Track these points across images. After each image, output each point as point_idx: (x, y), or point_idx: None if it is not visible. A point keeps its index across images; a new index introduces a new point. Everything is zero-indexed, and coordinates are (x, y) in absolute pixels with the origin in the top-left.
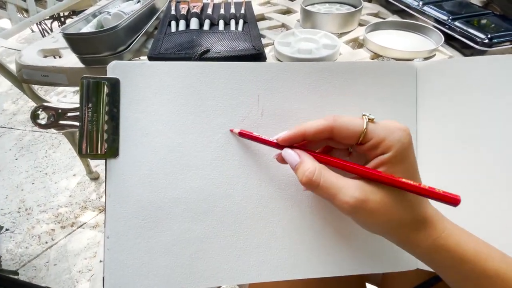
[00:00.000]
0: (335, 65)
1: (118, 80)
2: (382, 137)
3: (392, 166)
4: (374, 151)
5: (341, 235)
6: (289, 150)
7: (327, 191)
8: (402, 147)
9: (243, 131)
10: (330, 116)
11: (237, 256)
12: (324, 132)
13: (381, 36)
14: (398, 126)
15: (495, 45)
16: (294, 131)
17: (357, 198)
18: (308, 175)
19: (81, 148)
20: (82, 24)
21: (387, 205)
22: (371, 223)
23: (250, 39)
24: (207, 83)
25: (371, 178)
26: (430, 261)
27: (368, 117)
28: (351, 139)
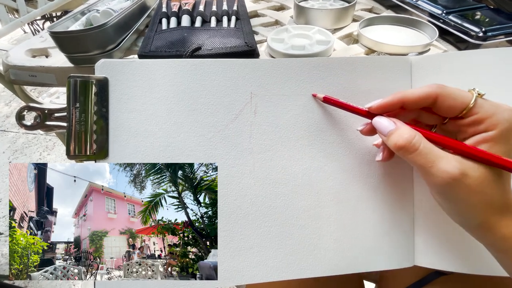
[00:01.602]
0: (328, 60)
1: (107, 79)
2: (490, 113)
3: (495, 145)
4: (475, 126)
5: (338, 234)
6: (382, 117)
7: (426, 157)
8: (509, 127)
9: (328, 97)
10: (434, 84)
11: (231, 257)
12: (427, 99)
13: (375, 31)
14: (507, 106)
15: (489, 38)
16: (390, 98)
17: (460, 170)
18: (408, 138)
19: (69, 150)
20: (70, 22)
21: (485, 184)
22: (461, 200)
23: (243, 36)
24: (199, 81)
25: (473, 155)
26: (505, 250)
27: (478, 92)
28: (454, 110)
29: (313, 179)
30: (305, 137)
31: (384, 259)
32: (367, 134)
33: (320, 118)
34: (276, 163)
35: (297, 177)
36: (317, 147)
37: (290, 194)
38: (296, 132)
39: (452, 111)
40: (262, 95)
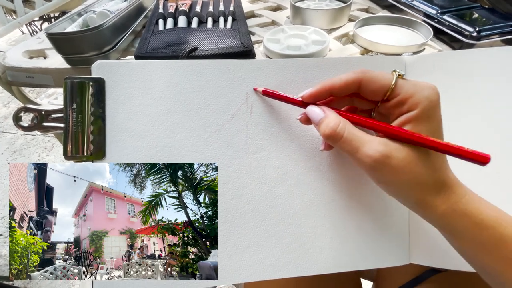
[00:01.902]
0: (324, 61)
1: (103, 80)
2: (411, 93)
3: (418, 124)
4: (400, 108)
5: (333, 232)
6: (313, 106)
7: (350, 144)
8: (430, 105)
9: (266, 89)
10: (359, 69)
11: (228, 256)
12: (352, 85)
13: (371, 31)
14: (426, 84)
15: (483, 38)
16: (319, 86)
17: (382, 153)
18: (333, 127)
19: (66, 150)
20: (67, 24)
21: (411, 164)
22: (391, 181)
23: (239, 36)
24: (195, 81)
25: (396, 136)
26: (446, 226)
27: (398, 73)
28: (379, 94)
29: (308, 178)
30: (300, 137)
31: (379, 257)
32: (305, 123)
33: None
34: (272, 162)
35: (292, 176)
36: (313, 146)
37: (286, 193)
38: (292, 132)
39: (376, 95)
40: (258, 95)
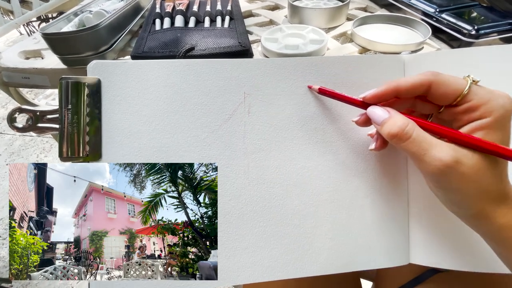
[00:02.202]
0: (321, 60)
1: (99, 80)
2: (485, 100)
3: (490, 133)
4: (470, 114)
5: (333, 233)
6: (376, 107)
7: (420, 145)
8: (504, 114)
9: (323, 88)
10: (428, 71)
11: (227, 257)
12: (421, 87)
13: (369, 30)
14: (501, 93)
15: (482, 36)
16: (384, 87)
17: (453, 157)
18: (401, 126)
19: (61, 152)
20: (63, 23)
21: (480, 172)
22: (456, 188)
23: (236, 36)
24: (192, 81)
25: (467, 143)
26: (503, 240)
27: (472, 78)
28: (449, 98)
29: (307, 179)
30: (299, 137)
31: (379, 258)
32: (362, 125)
33: (313, 118)
34: (271, 163)
35: (291, 176)
36: (311, 147)
37: (285, 194)
38: (290, 132)
39: (446, 99)
40: (256, 95)
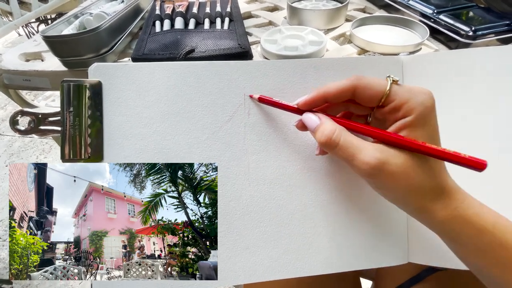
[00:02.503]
0: (320, 61)
1: (100, 83)
2: (405, 99)
3: (414, 130)
4: (395, 114)
5: (332, 233)
6: (309, 113)
7: (347, 151)
8: (425, 111)
9: (262, 96)
10: (353, 75)
11: (228, 257)
12: (346, 92)
13: (368, 31)
14: (421, 90)
15: (479, 37)
16: (314, 93)
17: (379, 159)
18: (328, 134)
19: (63, 153)
20: (64, 26)
21: (408, 170)
22: (389, 187)
23: (236, 38)
24: (192, 83)
25: (392, 142)
26: (447, 232)
27: (392, 78)
28: (373, 100)
29: (307, 179)
30: (298, 138)
31: (378, 257)
32: (302, 130)
33: None
34: (271, 163)
35: (291, 177)
36: (310, 148)
37: (285, 194)
38: (290, 133)
39: (372, 101)
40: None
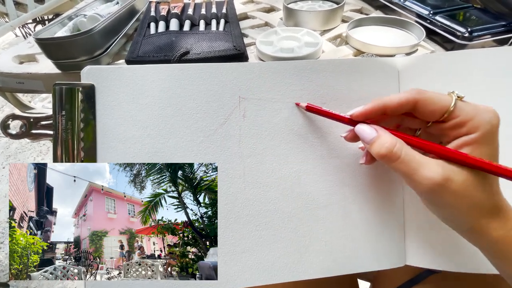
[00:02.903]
0: (316, 63)
1: (93, 86)
2: (471, 116)
3: (478, 148)
4: (457, 130)
5: (329, 236)
6: (364, 125)
7: (408, 165)
8: (491, 129)
9: (310, 105)
10: (413, 89)
11: (224, 261)
12: (407, 105)
13: (364, 32)
14: (487, 108)
15: (475, 38)
16: (372, 105)
17: (442, 176)
18: (389, 147)
19: (56, 158)
20: (58, 28)
21: (470, 188)
22: (449, 204)
23: (231, 39)
24: (186, 86)
25: (457, 159)
26: (499, 253)
27: (457, 95)
28: (435, 115)
29: (303, 182)
30: (294, 140)
31: (375, 260)
32: (351, 141)
33: (309, 121)
34: (266, 166)
35: (287, 180)
36: (307, 150)
37: (281, 197)
38: (285, 136)
39: (433, 116)
40: (251, 99)
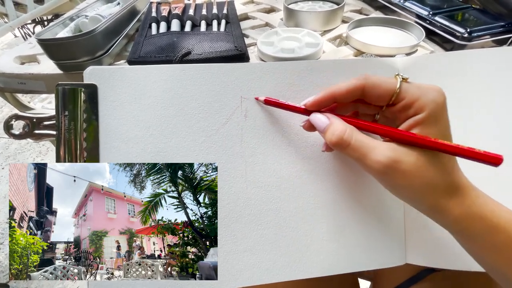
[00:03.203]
0: (317, 63)
1: (96, 86)
2: (416, 97)
3: (426, 127)
4: (406, 112)
5: (330, 235)
6: (317, 113)
7: (359, 150)
8: (436, 108)
9: (268, 98)
10: (362, 75)
11: (225, 260)
12: (355, 91)
13: (364, 33)
14: (431, 86)
15: (474, 39)
16: (322, 94)
17: (391, 158)
18: (339, 134)
19: (59, 157)
20: (59, 29)
21: (421, 167)
22: (402, 185)
23: (233, 40)
24: (188, 86)
25: (405, 140)
26: (461, 230)
27: (402, 76)
28: (383, 99)
29: (304, 182)
30: (295, 140)
31: (376, 259)
32: (309, 130)
33: None
34: (268, 166)
35: (288, 179)
36: (308, 150)
37: (282, 197)
38: (287, 135)
39: (382, 99)
40: (252, 99)
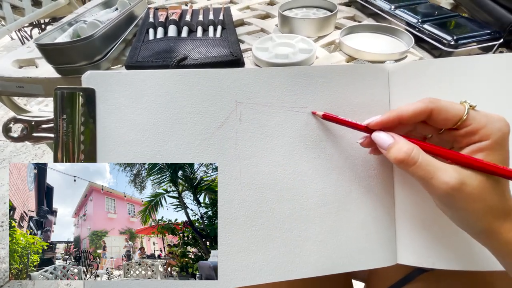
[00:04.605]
0: (310, 69)
1: (93, 90)
2: (483, 124)
3: (490, 154)
4: (469, 137)
5: (323, 236)
6: (381, 132)
7: (425, 169)
8: (502, 136)
9: (327, 114)
10: (427, 98)
11: (220, 261)
12: (422, 114)
13: (356, 39)
14: (498, 116)
15: (461, 46)
16: (388, 115)
17: (458, 180)
18: (407, 151)
19: (56, 160)
20: (58, 33)
21: (484, 191)
22: (463, 207)
23: (228, 45)
24: (184, 91)
25: (471, 165)
26: (509, 253)
27: (469, 104)
28: (449, 123)
29: (297, 184)
30: (288, 144)
31: (367, 259)
32: (367, 147)
33: (302, 125)
34: (262, 168)
35: (282, 181)
36: (301, 152)
37: (276, 198)
38: (280, 139)
39: (446, 123)
40: (247, 103)
